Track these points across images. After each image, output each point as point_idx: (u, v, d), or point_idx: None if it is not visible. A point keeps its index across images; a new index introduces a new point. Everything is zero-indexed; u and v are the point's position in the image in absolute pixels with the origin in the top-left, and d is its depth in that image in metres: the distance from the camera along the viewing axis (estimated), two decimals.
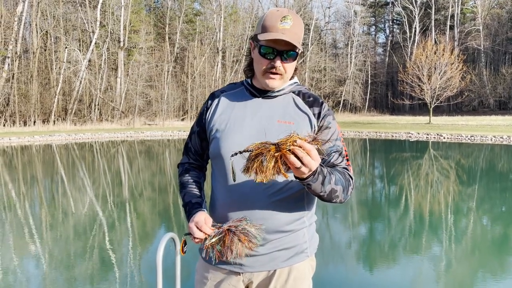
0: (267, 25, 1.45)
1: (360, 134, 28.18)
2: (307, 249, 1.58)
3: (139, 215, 8.15)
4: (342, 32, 58.74)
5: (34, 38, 34.95)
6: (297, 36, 1.45)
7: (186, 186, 1.64)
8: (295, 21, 1.44)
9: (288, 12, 1.45)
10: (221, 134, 1.53)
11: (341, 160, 1.53)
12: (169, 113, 40.13)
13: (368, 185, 11.26)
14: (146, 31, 40.88)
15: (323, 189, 1.37)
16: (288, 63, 1.48)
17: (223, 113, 1.57)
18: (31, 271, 5.16)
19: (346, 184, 1.46)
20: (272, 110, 1.53)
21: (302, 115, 1.52)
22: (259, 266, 1.51)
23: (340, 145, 1.54)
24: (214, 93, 1.67)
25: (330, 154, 1.51)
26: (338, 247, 6.03)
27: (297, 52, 1.47)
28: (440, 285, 4.66)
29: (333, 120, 1.56)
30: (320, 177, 1.33)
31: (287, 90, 1.57)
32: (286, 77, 1.52)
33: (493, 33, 50.83)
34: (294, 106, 1.54)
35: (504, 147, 19.94)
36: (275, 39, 1.42)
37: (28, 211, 8.39)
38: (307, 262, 1.59)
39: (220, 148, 1.52)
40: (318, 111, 1.53)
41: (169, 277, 2.42)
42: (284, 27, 1.42)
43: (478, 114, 42.68)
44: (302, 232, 1.54)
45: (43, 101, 34.50)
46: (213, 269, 1.59)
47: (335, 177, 1.41)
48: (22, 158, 17.63)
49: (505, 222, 7.37)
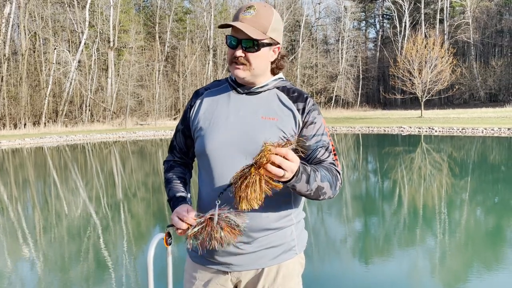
0: (233, 16, 1.48)
1: (352, 129, 28.27)
2: (296, 246, 1.56)
3: (133, 215, 8.11)
4: (332, 28, 58.85)
5: (23, 39, 34.61)
6: (260, 24, 1.42)
7: (170, 181, 1.63)
8: (260, 10, 1.43)
9: (255, 3, 1.44)
10: (205, 132, 1.52)
11: (328, 155, 1.51)
12: (161, 112, 39.99)
13: (362, 180, 11.29)
14: (136, 30, 40.67)
15: (309, 187, 1.35)
16: (251, 53, 1.45)
17: (206, 111, 1.56)
18: (24, 274, 5.10)
19: (333, 180, 1.45)
20: (255, 106, 1.51)
21: (286, 111, 1.50)
22: (247, 264, 1.50)
23: (326, 140, 1.53)
24: (198, 91, 1.66)
25: (316, 149, 1.50)
26: (331, 242, 6.03)
27: (257, 41, 1.43)
28: (434, 277, 4.68)
29: (318, 115, 1.53)
30: (304, 176, 1.32)
31: (271, 86, 1.55)
32: (254, 68, 1.47)
33: (482, 26, 51.16)
34: (278, 102, 1.52)
35: (495, 139, 20.10)
36: (234, 27, 1.42)
37: (20, 214, 8.31)
38: (295, 260, 1.57)
39: (205, 146, 1.50)
40: (302, 106, 1.51)
41: (162, 277, 2.40)
42: (245, 16, 1.42)
43: (469, 107, 42.95)
44: (290, 229, 1.53)
45: (33, 103, 34.20)
46: (201, 269, 1.58)
47: (321, 173, 1.40)
48: (13, 161, 17.47)
49: (498, 214, 7.42)
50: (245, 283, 1.54)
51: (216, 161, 1.47)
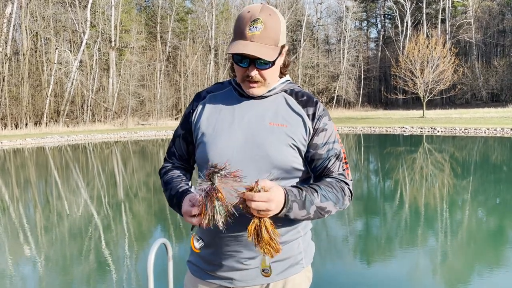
0: (236, 31, 1.34)
1: (354, 129, 28.21)
2: (302, 260, 1.50)
3: (134, 217, 8.08)
4: (334, 27, 58.82)
5: (24, 39, 34.63)
6: (271, 39, 1.32)
7: (169, 182, 1.50)
8: (268, 22, 1.31)
9: (259, 13, 1.31)
10: (208, 139, 1.42)
11: (338, 165, 1.44)
12: (162, 112, 39.99)
13: (364, 180, 11.24)
14: (137, 30, 40.71)
15: (306, 212, 1.31)
16: (265, 70, 1.36)
17: (210, 116, 1.46)
18: (25, 273, 5.08)
19: (338, 196, 1.38)
20: (262, 111, 1.42)
21: (295, 117, 1.42)
22: (251, 280, 1.43)
23: (338, 148, 1.45)
24: (200, 94, 1.55)
25: (327, 158, 1.42)
26: (334, 242, 6.00)
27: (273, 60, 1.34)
28: (436, 277, 4.65)
29: (329, 121, 1.46)
30: (296, 204, 1.28)
31: (278, 90, 1.46)
32: (269, 82, 1.40)
33: (484, 25, 51.05)
34: (287, 107, 1.44)
35: (498, 139, 20.03)
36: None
37: (22, 214, 8.29)
38: (302, 274, 1.50)
39: (207, 153, 1.41)
40: (312, 112, 1.43)
41: (162, 281, 2.37)
42: (254, 33, 1.30)
43: (471, 106, 42.86)
44: (296, 242, 1.47)
45: (34, 103, 34.22)
46: (202, 284, 1.50)
47: (321, 193, 1.34)
48: (14, 162, 17.47)
49: (500, 214, 7.38)
50: None
51: None
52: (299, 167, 1.42)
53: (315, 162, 1.43)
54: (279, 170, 1.37)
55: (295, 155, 1.39)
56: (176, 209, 1.44)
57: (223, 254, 1.43)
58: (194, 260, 1.54)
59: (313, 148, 1.42)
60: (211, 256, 1.46)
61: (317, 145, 1.42)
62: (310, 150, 1.42)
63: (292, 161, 1.39)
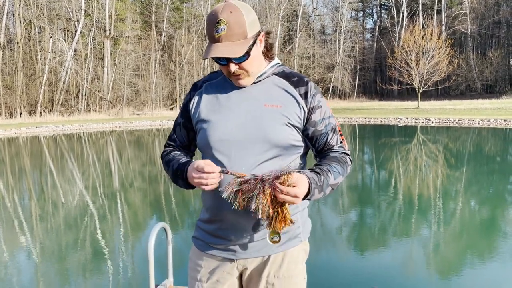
0: (207, 35, 1.42)
1: (349, 120, 28.29)
2: (300, 234, 1.58)
3: (131, 205, 8.13)
4: (330, 18, 58.51)
5: (18, 28, 34.27)
6: (237, 35, 1.37)
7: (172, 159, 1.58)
8: (230, 20, 1.36)
9: (220, 14, 1.37)
10: (208, 125, 1.49)
11: (336, 138, 1.55)
12: (157, 102, 39.85)
13: (358, 171, 11.33)
14: (132, 19, 40.33)
15: (323, 194, 1.43)
16: (243, 62, 1.42)
17: (208, 103, 1.53)
18: (22, 263, 5.13)
19: (344, 168, 1.51)
20: (257, 95, 1.49)
21: (288, 97, 1.49)
22: (253, 252, 1.51)
23: (333, 122, 1.55)
24: (196, 84, 1.63)
25: (326, 133, 1.52)
26: (329, 232, 6.08)
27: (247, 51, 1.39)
28: (430, 267, 4.74)
29: (322, 97, 1.54)
30: (316, 191, 1.39)
31: (269, 73, 1.53)
32: (252, 72, 1.46)
33: (479, 17, 51.03)
34: (279, 89, 1.51)
35: (491, 130, 20.19)
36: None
37: (17, 204, 8.31)
38: (300, 247, 1.60)
39: (208, 138, 1.48)
40: (304, 91, 1.50)
41: (162, 265, 2.42)
42: (220, 34, 1.36)
43: (466, 98, 43.01)
44: (295, 217, 1.53)
45: (29, 92, 33.97)
46: (207, 257, 1.58)
47: (333, 171, 1.46)
48: (9, 151, 17.41)
49: (492, 204, 7.49)
50: (251, 270, 1.55)
51: (221, 153, 1.46)
52: (297, 143, 1.50)
53: (315, 138, 1.52)
54: (278, 148, 1.45)
55: (292, 132, 1.47)
56: (180, 181, 1.51)
57: (227, 227, 1.50)
58: (199, 235, 1.61)
59: (312, 126, 1.50)
60: (216, 230, 1.53)
61: (316, 122, 1.50)
62: (309, 128, 1.50)
63: (289, 139, 1.46)
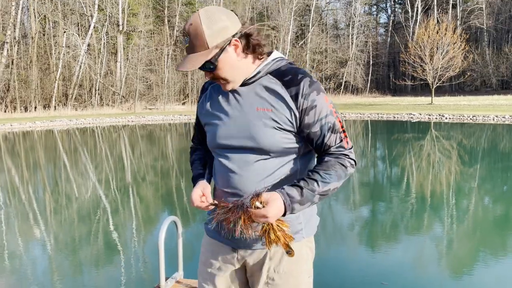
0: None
1: (362, 115, 28.10)
2: (302, 230, 1.55)
3: (142, 198, 8.20)
4: (343, 12, 58.07)
5: (33, 23, 34.64)
6: (198, 46, 1.36)
7: (192, 163, 1.73)
8: (190, 32, 1.36)
9: (186, 25, 1.38)
10: (210, 129, 1.55)
11: (335, 138, 1.46)
12: (169, 97, 40.01)
13: (370, 167, 11.27)
14: (145, 14, 40.46)
15: (310, 203, 1.41)
16: (217, 70, 1.40)
17: (211, 106, 1.56)
18: (36, 255, 5.21)
19: (339, 172, 1.43)
20: (251, 97, 1.46)
21: (278, 100, 1.43)
22: (251, 244, 1.52)
23: (331, 121, 1.45)
24: (204, 86, 1.67)
25: (322, 135, 1.44)
26: (339, 228, 6.07)
27: (208, 62, 1.38)
28: (441, 264, 4.70)
29: (318, 95, 1.43)
30: (297, 205, 1.37)
31: (263, 73, 1.47)
32: (230, 77, 1.43)
33: (496, 11, 50.15)
34: (271, 91, 1.45)
35: (506, 127, 19.88)
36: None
37: (32, 196, 8.44)
38: (303, 244, 1.56)
39: (209, 142, 1.56)
40: (295, 92, 1.42)
41: (172, 258, 2.44)
42: (186, 46, 1.40)
43: (481, 94, 42.37)
44: (295, 215, 1.50)
45: (43, 87, 34.38)
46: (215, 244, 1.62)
47: (321, 180, 1.40)
48: (24, 144, 17.68)
49: (506, 202, 7.39)
50: (252, 264, 1.55)
51: (223, 157, 1.50)
52: (292, 145, 1.46)
53: (311, 140, 1.46)
54: (272, 152, 1.44)
55: (283, 135, 1.43)
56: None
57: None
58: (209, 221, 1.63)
59: (307, 128, 1.44)
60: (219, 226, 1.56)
61: (310, 124, 1.43)
62: (304, 130, 1.44)
63: (282, 142, 1.43)
